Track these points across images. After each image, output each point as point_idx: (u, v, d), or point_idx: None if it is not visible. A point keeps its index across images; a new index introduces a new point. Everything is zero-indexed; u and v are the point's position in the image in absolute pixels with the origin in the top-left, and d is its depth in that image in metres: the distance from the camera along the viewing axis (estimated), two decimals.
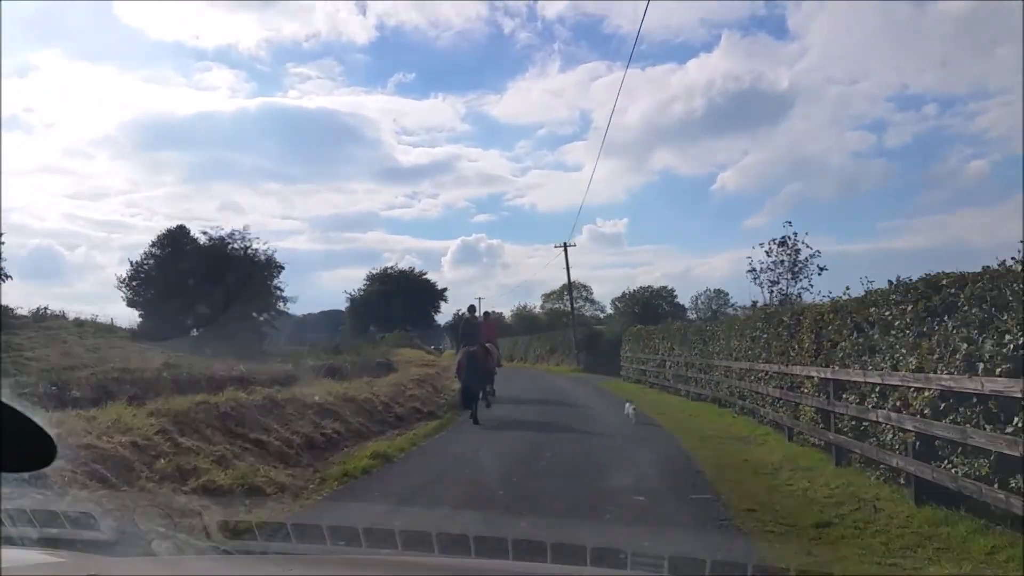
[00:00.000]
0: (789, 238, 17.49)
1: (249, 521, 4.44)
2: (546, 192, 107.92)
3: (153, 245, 40.58)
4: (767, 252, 17.81)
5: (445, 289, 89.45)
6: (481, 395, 15.54)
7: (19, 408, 1.25)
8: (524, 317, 79.13)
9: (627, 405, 15.07)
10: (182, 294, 39.30)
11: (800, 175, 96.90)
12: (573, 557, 2.67)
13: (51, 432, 1.30)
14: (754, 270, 18.00)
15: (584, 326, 41.87)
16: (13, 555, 1.95)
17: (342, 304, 78.87)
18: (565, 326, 42.64)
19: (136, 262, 40.02)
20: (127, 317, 40.16)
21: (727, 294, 58.79)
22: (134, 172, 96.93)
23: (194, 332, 40.32)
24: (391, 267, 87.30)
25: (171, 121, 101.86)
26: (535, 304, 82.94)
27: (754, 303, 17.58)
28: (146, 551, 2.55)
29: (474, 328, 16.48)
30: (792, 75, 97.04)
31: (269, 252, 41.88)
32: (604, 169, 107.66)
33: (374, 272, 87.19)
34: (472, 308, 18.30)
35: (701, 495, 7.60)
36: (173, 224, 40.35)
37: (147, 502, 5.79)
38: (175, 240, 40.92)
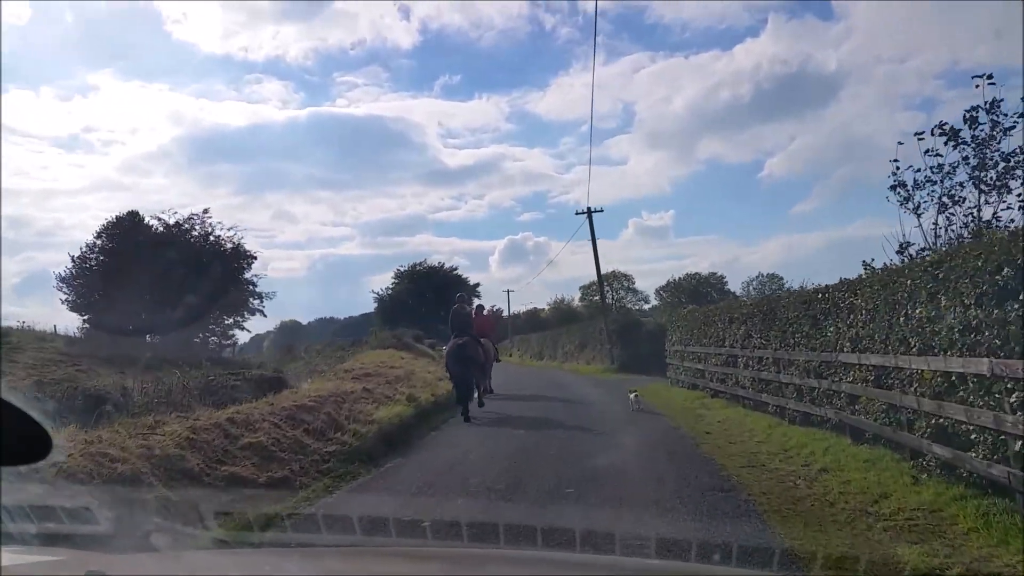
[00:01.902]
0: (985, 110, 8.68)
1: (244, 512, 4.31)
2: (591, 188, 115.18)
3: (99, 235, 33.89)
4: (936, 145, 9.26)
5: (478, 284, 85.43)
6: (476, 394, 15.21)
7: (13, 402, 1.24)
8: (562, 311, 73.68)
9: (632, 396, 14.43)
10: (132, 294, 32.47)
11: (849, 158, 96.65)
12: None
13: (46, 425, 1.29)
14: (903, 186, 9.67)
15: (620, 315, 33.85)
16: (12, 554, 1.99)
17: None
18: (596, 317, 34.66)
19: (78, 256, 33.36)
20: (74, 323, 33.60)
21: (781, 278, 55.90)
22: (190, 186, 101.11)
23: (149, 338, 33.54)
24: (420, 263, 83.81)
25: (224, 134, 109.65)
26: (573, 297, 78.08)
27: (905, 247, 9.55)
28: (144, 544, 2.54)
29: (464, 319, 15.26)
30: (839, 56, 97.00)
31: (237, 239, 34.85)
32: (649, 161, 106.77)
33: (402, 269, 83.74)
34: (462, 297, 16.32)
35: None
36: (123, 211, 33.42)
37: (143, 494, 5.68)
38: (125, 229, 34.17)
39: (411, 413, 12.21)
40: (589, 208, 30.27)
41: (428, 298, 68.58)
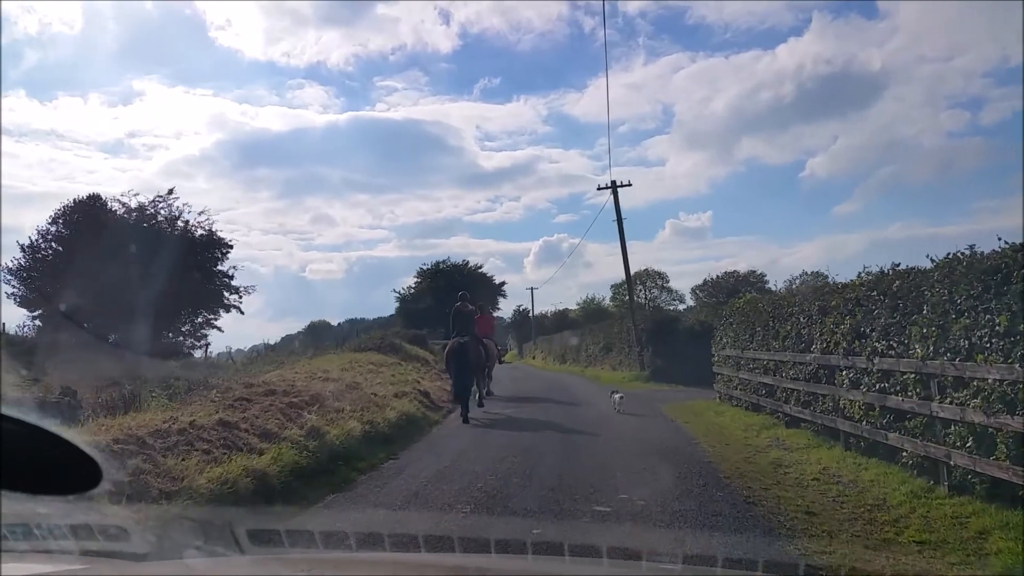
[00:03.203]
0: None
1: (277, 529, 3.80)
2: (628, 190, 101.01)
3: (54, 220, 29.70)
4: None
5: (503, 283, 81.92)
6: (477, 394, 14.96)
7: (58, 432, 1.23)
8: (591, 311, 69.13)
9: (614, 396, 14.06)
10: (90, 287, 28.21)
11: (892, 158, 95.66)
12: None
13: (95, 456, 1.28)
14: None
15: (652, 312, 28.67)
16: (16, 563, 1.98)
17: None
18: (626, 317, 29.39)
19: (29, 245, 29.16)
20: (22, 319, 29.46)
21: (826, 276, 49.52)
22: (232, 190, 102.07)
23: (112, 338, 29.23)
24: (443, 261, 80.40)
25: (266, 139, 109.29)
26: (604, 297, 73.91)
27: None
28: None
29: (465, 317, 14.77)
30: (884, 55, 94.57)
31: (208, 224, 30.42)
32: (687, 162, 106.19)
33: (425, 268, 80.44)
34: (464, 296, 15.58)
35: None
36: (84, 193, 29.39)
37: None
38: (84, 214, 29.89)
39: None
40: (614, 182, 25.21)
41: (451, 297, 64.99)
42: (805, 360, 9.87)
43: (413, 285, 78.33)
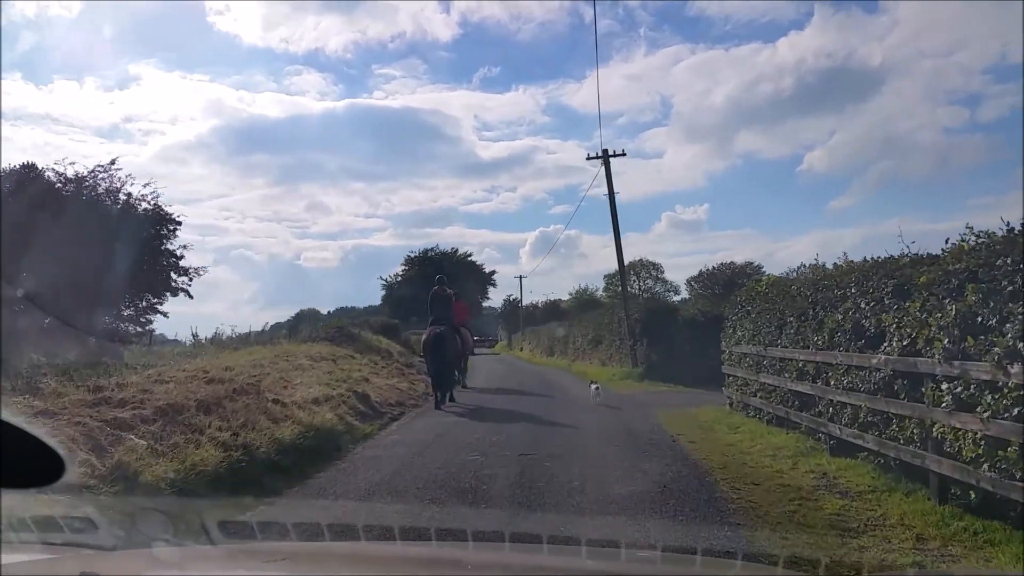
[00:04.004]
0: None
1: (248, 521, 4.07)
2: (625, 180, 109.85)
3: None
4: None
5: (493, 272, 79.61)
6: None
7: (19, 425, 1.25)
8: (584, 301, 66.48)
9: (592, 386, 13.84)
10: (18, 266, 24.84)
11: (889, 153, 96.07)
12: None
13: (58, 449, 1.29)
14: None
15: (647, 302, 25.60)
16: (10, 555, 1.96)
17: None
18: (617, 307, 26.14)
19: None
20: None
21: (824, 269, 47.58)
22: (227, 176, 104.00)
23: (47, 323, 25.96)
24: (431, 249, 78.01)
25: (262, 125, 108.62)
26: (597, 287, 71.57)
27: None
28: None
29: (443, 303, 14.55)
30: (884, 50, 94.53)
31: (153, 198, 27.15)
32: (685, 155, 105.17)
33: (412, 255, 78.03)
34: (442, 279, 15.17)
35: None
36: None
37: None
38: (19, 184, 26.54)
39: None
40: (605, 151, 22.03)
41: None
42: (871, 363, 6.82)
43: (400, 273, 76.04)
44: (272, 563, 2.28)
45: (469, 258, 78.63)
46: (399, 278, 75.00)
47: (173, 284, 28.49)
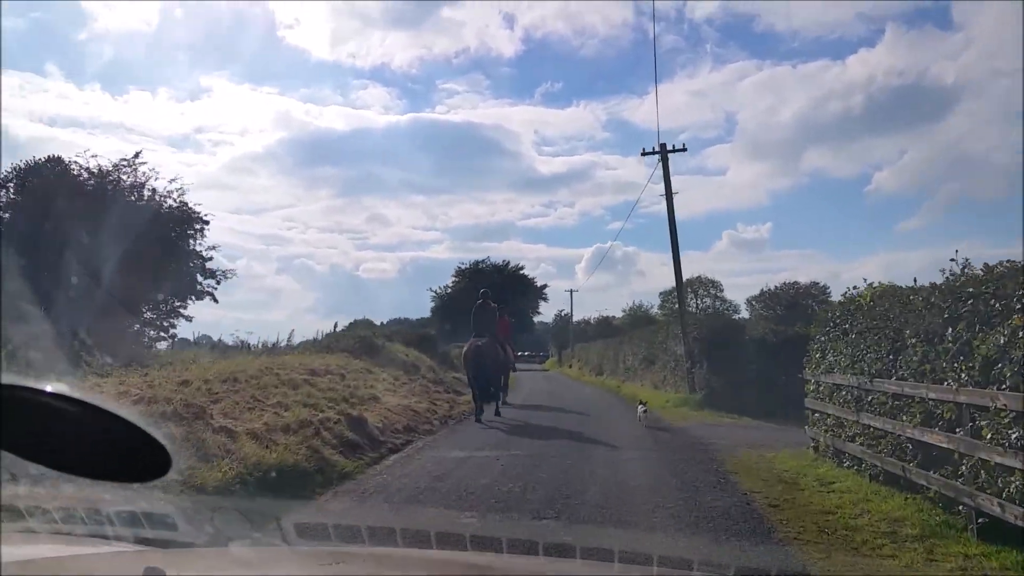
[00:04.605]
0: None
1: (324, 523, 3.86)
2: (684, 198, 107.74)
3: (3, 184, 25.49)
4: None
5: (545, 286, 77.45)
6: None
7: (129, 418, 1.23)
8: (637, 318, 63.85)
9: (640, 408, 13.45)
10: (42, 265, 23.89)
11: (960, 175, 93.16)
12: None
13: (166, 443, 1.27)
14: None
15: (709, 319, 22.88)
16: (58, 545, 1.99)
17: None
18: (674, 324, 23.29)
19: None
20: None
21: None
22: (293, 187, 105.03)
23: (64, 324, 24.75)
24: (482, 261, 76.51)
25: (328, 138, 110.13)
26: (652, 305, 68.94)
27: None
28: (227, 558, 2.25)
29: (486, 317, 14.54)
30: (957, 68, 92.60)
31: (178, 195, 25.85)
32: (748, 173, 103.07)
33: (463, 267, 76.63)
34: (486, 293, 14.98)
35: None
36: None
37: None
38: (45, 179, 25.63)
39: None
40: (663, 145, 19.51)
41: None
42: None
43: (451, 285, 74.68)
44: None
45: (521, 271, 76.88)
46: (449, 290, 73.82)
47: (199, 287, 27.19)
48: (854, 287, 8.96)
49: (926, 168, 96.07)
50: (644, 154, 19.72)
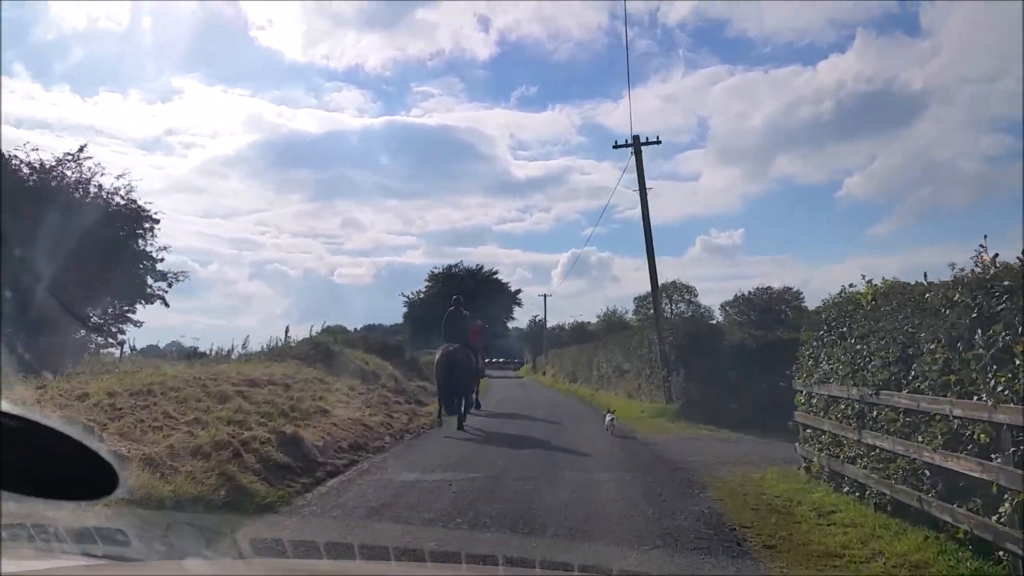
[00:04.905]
0: None
1: (280, 538, 4.07)
2: (658, 203, 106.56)
3: None
4: None
5: (519, 291, 76.40)
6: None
7: (74, 435, 1.22)
8: (612, 323, 62.91)
9: (608, 417, 13.20)
10: None
11: (930, 180, 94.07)
12: None
13: (112, 460, 1.27)
14: None
15: (686, 324, 21.82)
16: (24, 560, 1.93)
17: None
18: (648, 329, 22.15)
19: None
20: None
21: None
22: (265, 191, 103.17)
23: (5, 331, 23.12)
24: (455, 265, 75.47)
25: (301, 141, 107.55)
26: (627, 310, 68.12)
27: None
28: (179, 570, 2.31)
29: (458, 323, 14.30)
30: (926, 75, 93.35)
31: (129, 190, 24.33)
32: (721, 178, 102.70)
33: (436, 272, 75.46)
34: (458, 300, 14.70)
35: None
36: None
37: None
38: None
39: None
40: (636, 137, 18.35)
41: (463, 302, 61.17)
42: None
43: (423, 290, 73.44)
44: None
45: (495, 276, 75.85)
46: (421, 295, 72.62)
47: (149, 290, 25.60)
48: (850, 284, 7.94)
49: (896, 174, 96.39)
50: (616, 147, 18.65)
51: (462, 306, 14.72)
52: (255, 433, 8.28)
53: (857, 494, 7.17)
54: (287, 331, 18.83)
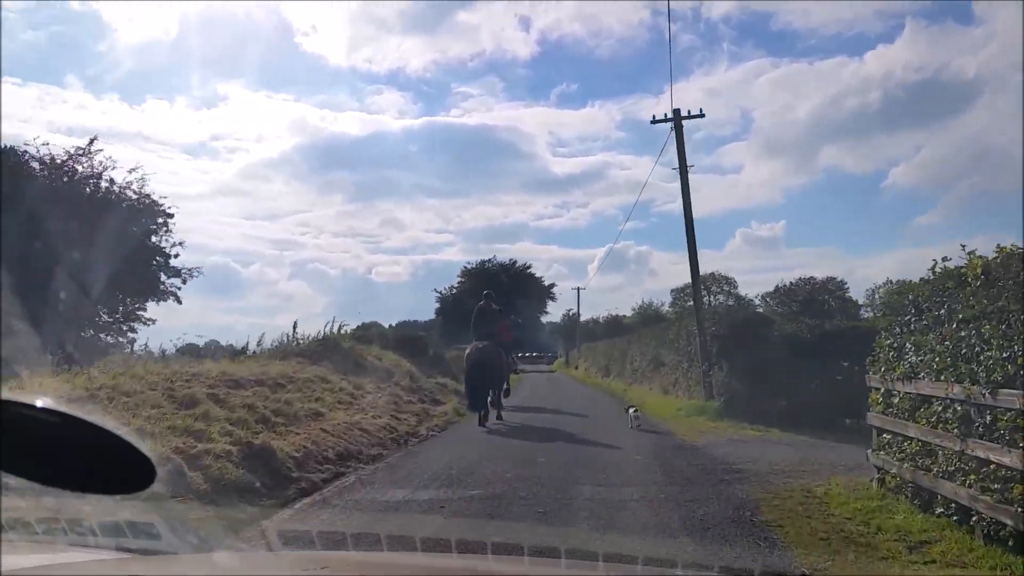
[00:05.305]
0: None
1: (309, 531, 4.15)
2: (699, 197, 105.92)
3: None
4: None
5: (552, 285, 75.17)
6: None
7: (113, 430, 1.23)
8: (647, 316, 61.31)
9: (631, 411, 12.54)
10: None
11: (979, 169, 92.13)
12: None
13: (149, 454, 1.26)
14: None
15: (728, 313, 20.10)
16: (40, 555, 1.94)
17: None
18: (686, 319, 20.39)
19: None
20: None
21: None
22: (307, 193, 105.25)
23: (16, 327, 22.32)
24: (488, 260, 74.53)
25: (343, 143, 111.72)
26: (663, 303, 66.56)
27: None
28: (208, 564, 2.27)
29: (489, 319, 14.07)
30: (978, 63, 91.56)
31: (141, 184, 23.46)
32: (763, 171, 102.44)
33: (469, 267, 74.59)
34: (488, 295, 14.53)
35: None
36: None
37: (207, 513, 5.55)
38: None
39: None
40: (676, 111, 16.60)
41: (496, 297, 60.55)
42: None
43: (456, 285, 72.53)
44: None
45: (528, 270, 74.50)
46: (454, 291, 71.74)
47: (161, 287, 24.69)
48: (944, 257, 6.28)
49: (944, 163, 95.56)
50: (655, 122, 16.89)
51: (492, 301, 14.49)
52: (213, 446, 6.93)
53: (956, 518, 5.55)
54: (295, 326, 17.56)
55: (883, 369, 7.03)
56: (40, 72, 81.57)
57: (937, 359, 5.82)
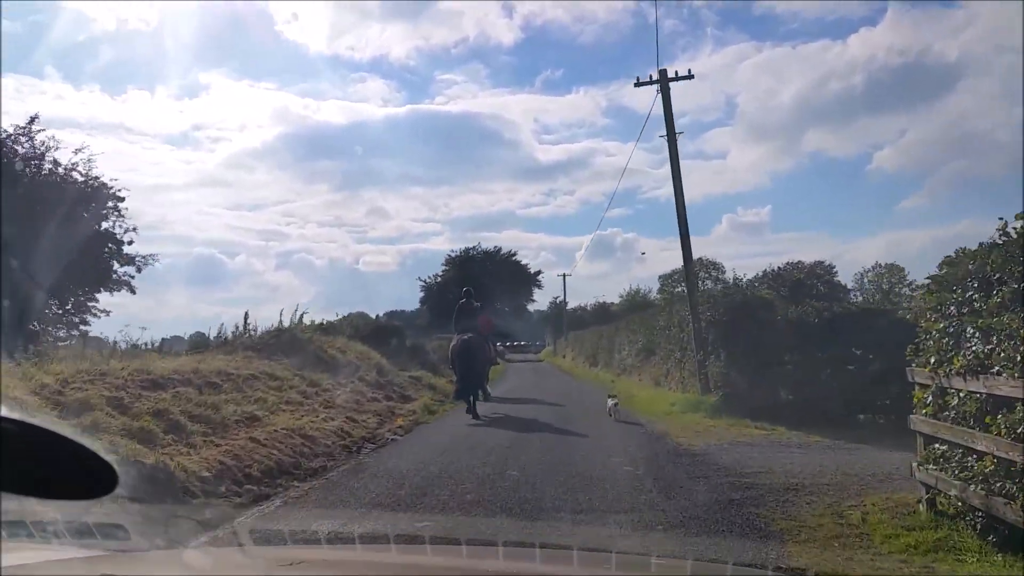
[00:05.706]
0: None
1: (281, 530, 4.07)
2: (684, 182, 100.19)
3: None
4: None
5: (539, 273, 73.77)
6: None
7: (70, 436, 1.18)
8: (636, 303, 59.76)
9: (610, 402, 12.44)
10: None
11: (963, 153, 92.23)
12: None
13: (109, 459, 1.23)
14: None
15: (724, 295, 18.55)
16: (16, 552, 1.87)
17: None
18: (678, 304, 18.82)
19: None
20: None
21: (903, 269, 47.50)
22: (292, 182, 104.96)
23: None
24: (473, 248, 73.17)
25: (326, 132, 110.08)
26: (651, 289, 65.17)
27: None
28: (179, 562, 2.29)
29: (470, 313, 14.44)
30: (960, 45, 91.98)
31: (89, 167, 21.68)
32: (748, 156, 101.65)
33: (453, 255, 73.20)
34: (468, 292, 14.87)
35: None
36: None
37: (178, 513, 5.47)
38: None
39: None
40: (663, 71, 15.05)
41: (480, 286, 59.56)
42: None
43: (440, 274, 71.14)
44: None
45: (513, 257, 73.09)
46: (438, 279, 70.36)
47: (115, 276, 22.93)
48: (1000, 218, 4.83)
49: (928, 146, 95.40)
50: (639, 84, 15.30)
51: (473, 299, 14.70)
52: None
53: None
54: (246, 317, 16.01)
55: (933, 361, 5.56)
56: (17, 63, 79.96)
57: (1008, 345, 4.35)
